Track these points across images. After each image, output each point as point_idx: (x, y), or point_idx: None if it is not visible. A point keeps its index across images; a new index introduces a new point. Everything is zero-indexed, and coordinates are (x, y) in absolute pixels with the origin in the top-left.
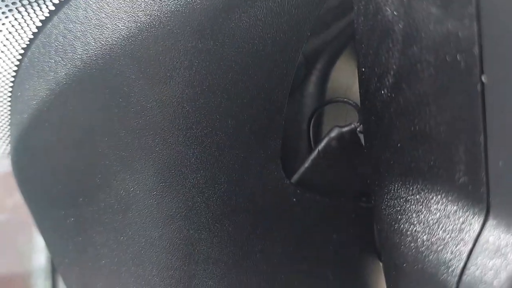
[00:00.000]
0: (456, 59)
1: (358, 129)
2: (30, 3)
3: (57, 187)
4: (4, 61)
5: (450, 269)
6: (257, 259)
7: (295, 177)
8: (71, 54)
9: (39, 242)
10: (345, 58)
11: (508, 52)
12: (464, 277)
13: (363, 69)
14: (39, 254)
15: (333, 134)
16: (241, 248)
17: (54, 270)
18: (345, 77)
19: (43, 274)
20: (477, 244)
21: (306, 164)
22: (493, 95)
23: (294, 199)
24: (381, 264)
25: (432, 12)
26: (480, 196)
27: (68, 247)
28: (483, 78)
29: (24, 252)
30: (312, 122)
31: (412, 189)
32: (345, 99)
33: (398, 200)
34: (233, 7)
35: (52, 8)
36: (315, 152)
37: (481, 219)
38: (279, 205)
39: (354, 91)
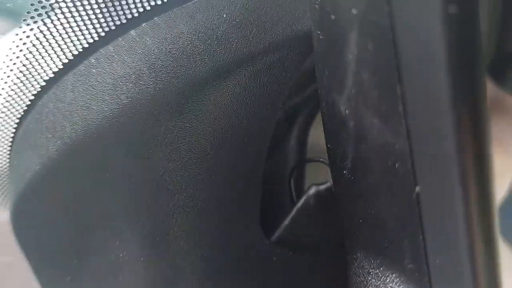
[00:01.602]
0: (395, 166)
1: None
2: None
3: (52, 249)
4: (1, 129)
5: None
6: None
7: (275, 235)
8: (60, 132)
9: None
10: None
11: (438, 171)
12: None
13: (329, 145)
14: None
15: (311, 192)
16: None
17: None
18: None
19: None
20: None
21: (286, 222)
22: (427, 204)
23: (275, 258)
24: None
25: (374, 122)
26: (425, 284)
27: None
28: (417, 189)
29: None
30: (293, 178)
31: (373, 262)
32: (321, 159)
33: (362, 270)
34: (208, 87)
35: (43, 84)
36: (294, 211)
37: None
38: (260, 264)
39: None
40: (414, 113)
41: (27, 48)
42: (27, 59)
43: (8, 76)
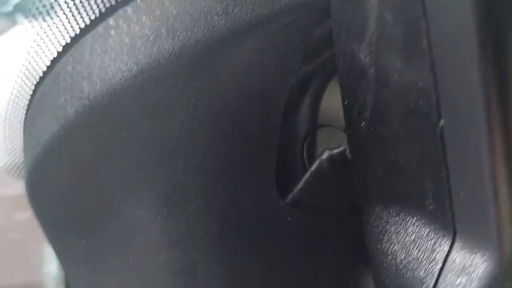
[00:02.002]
0: (418, 104)
1: (347, 151)
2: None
3: (68, 214)
4: (17, 96)
5: (424, 286)
6: (256, 279)
7: (290, 197)
8: (78, 93)
9: (50, 252)
10: (336, 81)
11: (462, 101)
12: None
13: (346, 102)
14: (50, 264)
15: (324, 156)
16: (240, 269)
17: (66, 279)
18: (337, 100)
19: (55, 282)
20: (446, 263)
21: (300, 185)
22: (451, 136)
23: (289, 218)
24: None
25: (396, 63)
26: (447, 222)
27: (81, 268)
28: (441, 123)
29: (36, 262)
30: (305, 144)
31: (392, 211)
32: (334, 124)
33: (381, 221)
34: (226, 48)
35: (60, 49)
36: (308, 174)
37: (449, 242)
38: (275, 225)
39: None
40: (439, 46)
41: (46, 11)
42: (45, 23)
43: (25, 42)
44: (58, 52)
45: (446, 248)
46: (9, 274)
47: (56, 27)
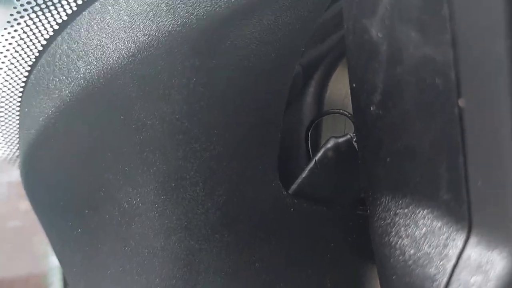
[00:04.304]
0: (435, 82)
1: (354, 140)
2: (38, 16)
3: (64, 200)
4: (12, 78)
5: (435, 284)
6: (256, 268)
7: (293, 187)
8: (74, 73)
9: None
10: (343, 68)
11: (485, 78)
12: None
13: (354, 85)
14: (53, 255)
15: (329, 144)
16: (240, 258)
17: None
18: (343, 87)
19: (58, 273)
20: (460, 260)
21: (304, 175)
22: (471, 118)
23: (292, 209)
24: None
25: (411, 36)
26: (462, 214)
27: (76, 257)
28: (460, 102)
29: (39, 253)
30: (310, 132)
31: (401, 203)
32: (341, 110)
33: (389, 213)
34: (228, 26)
35: (56, 27)
36: (312, 163)
37: (463, 236)
38: (277, 215)
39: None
40: (461, 14)
41: None
42: (41, 0)
43: (19, 23)
44: (55, 30)
45: (460, 243)
46: (12, 265)
47: (53, 3)
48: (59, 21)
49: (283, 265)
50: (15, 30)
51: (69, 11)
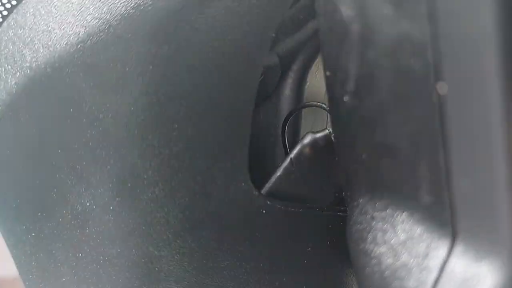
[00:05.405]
0: (411, 64)
1: (332, 135)
2: None
3: (16, 201)
4: None
5: None
6: (223, 276)
7: (266, 187)
8: (20, 62)
9: None
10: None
11: (468, 56)
12: None
13: (327, 73)
14: None
15: (306, 140)
16: (206, 265)
17: None
18: (323, 78)
19: None
20: (442, 273)
21: (278, 173)
22: (452, 105)
23: (264, 211)
24: None
25: (385, 12)
26: (445, 218)
27: (32, 263)
28: (439, 87)
29: None
30: (287, 127)
31: (379, 205)
32: (319, 103)
33: (365, 216)
34: (188, 8)
35: (5, 13)
36: (287, 160)
37: (447, 245)
38: (247, 218)
39: None
40: None
41: None
42: None
43: None
44: (3, 16)
45: (443, 252)
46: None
47: None
48: (8, 5)
49: (255, 273)
50: None
51: None
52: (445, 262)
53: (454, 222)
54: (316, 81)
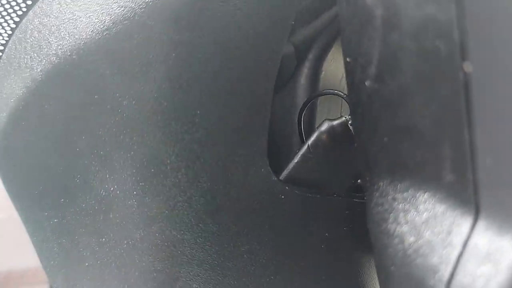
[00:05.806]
0: (436, 45)
1: (349, 122)
2: None
3: (38, 188)
4: None
5: (437, 275)
6: (243, 260)
7: (284, 173)
8: (46, 49)
9: None
10: (338, 47)
11: (494, 36)
12: (451, 284)
13: (348, 59)
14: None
15: (323, 128)
16: (226, 249)
17: None
18: (339, 67)
19: None
20: (465, 248)
21: (296, 160)
22: (478, 85)
23: (283, 196)
24: None
25: None
26: (468, 196)
27: (53, 249)
28: (465, 66)
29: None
30: (303, 115)
31: (400, 186)
32: (335, 91)
33: (386, 198)
34: None
35: (30, 2)
36: (305, 147)
37: (470, 221)
38: (266, 203)
39: None
40: None
41: None
42: None
43: None
44: (27, 5)
45: (466, 229)
46: (7, 259)
47: None
48: None
49: (273, 257)
50: None
51: None
52: (468, 238)
53: (477, 199)
54: (331, 70)
